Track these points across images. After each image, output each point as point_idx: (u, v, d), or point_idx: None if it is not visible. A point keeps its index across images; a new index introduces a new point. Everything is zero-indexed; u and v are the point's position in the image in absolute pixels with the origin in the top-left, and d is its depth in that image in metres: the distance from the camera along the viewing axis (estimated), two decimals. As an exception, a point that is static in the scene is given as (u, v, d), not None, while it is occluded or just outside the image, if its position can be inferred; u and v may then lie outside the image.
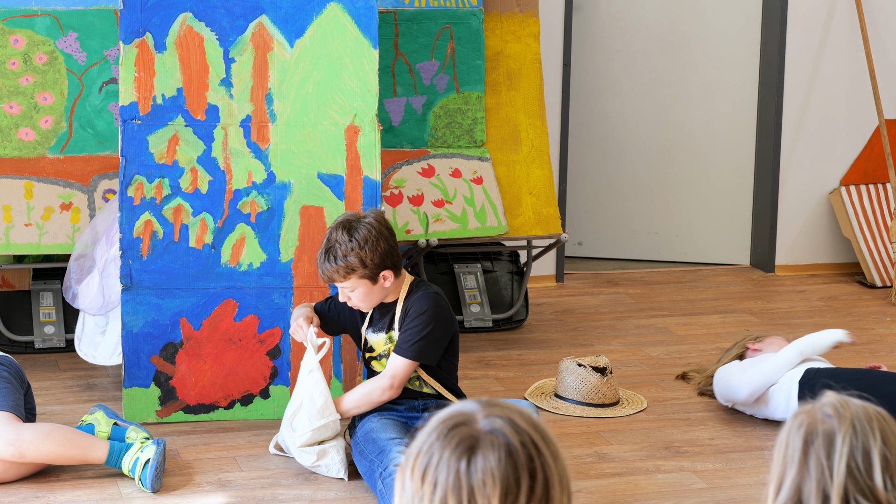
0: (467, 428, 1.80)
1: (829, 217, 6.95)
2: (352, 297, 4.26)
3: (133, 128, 4.66)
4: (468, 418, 1.81)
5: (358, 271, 4.18)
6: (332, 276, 4.21)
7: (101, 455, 4.18)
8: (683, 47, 6.93)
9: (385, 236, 4.21)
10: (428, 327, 4.23)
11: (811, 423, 1.98)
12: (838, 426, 1.97)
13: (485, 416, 1.81)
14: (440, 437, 1.80)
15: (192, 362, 4.71)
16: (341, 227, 4.20)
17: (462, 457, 1.78)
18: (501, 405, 1.83)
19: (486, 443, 1.78)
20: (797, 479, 1.97)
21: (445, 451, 1.78)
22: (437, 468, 1.78)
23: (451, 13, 5.66)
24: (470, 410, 1.82)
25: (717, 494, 4.25)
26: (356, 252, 4.15)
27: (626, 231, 7.11)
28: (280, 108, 4.74)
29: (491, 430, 1.79)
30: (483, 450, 1.78)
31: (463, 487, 1.77)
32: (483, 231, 5.64)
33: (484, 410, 1.82)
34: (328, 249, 4.19)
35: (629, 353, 5.62)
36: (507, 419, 1.80)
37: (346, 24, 4.77)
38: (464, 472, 1.77)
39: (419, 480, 1.80)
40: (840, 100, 6.86)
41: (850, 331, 4.84)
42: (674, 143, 7.00)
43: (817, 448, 1.97)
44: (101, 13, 5.23)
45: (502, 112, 5.74)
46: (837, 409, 1.99)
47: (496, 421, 1.80)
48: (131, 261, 4.64)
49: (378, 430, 4.21)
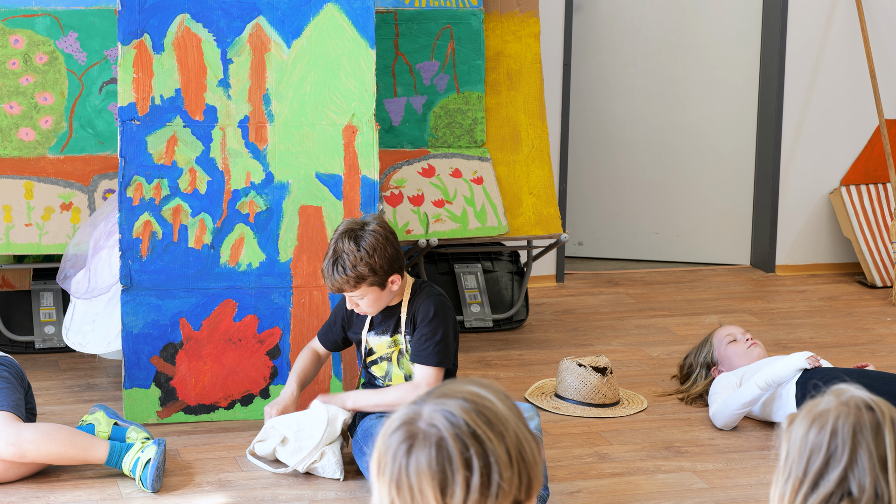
0: (410, 426, 1.84)
1: (829, 217, 6.95)
2: (360, 305, 4.23)
3: (132, 128, 4.66)
4: (415, 414, 1.85)
5: (368, 279, 4.15)
6: (342, 287, 4.17)
7: (101, 455, 4.19)
8: (683, 47, 6.93)
9: (391, 241, 4.19)
10: (439, 331, 4.23)
11: (857, 415, 2.01)
12: (882, 416, 2.01)
13: (428, 411, 1.85)
14: (390, 434, 1.85)
15: (192, 363, 4.72)
16: (347, 237, 4.15)
17: (404, 455, 1.82)
18: (448, 394, 1.87)
19: (420, 440, 1.82)
20: (843, 471, 1.99)
21: (390, 450, 1.84)
22: (385, 466, 1.84)
23: (452, 13, 5.67)
24: (419, 405, 1.87)
25: (718, 494, 4.25)
26: (366, 261, 4.12)
27: (626, 231, 7.11)
28: (278, 109, 4.75)
29: (427, 425, 1.83)
30: (417, 448, 1.82)
31: (404, 485, 1.82)
32: (483, 231, 5.64)
33: (430, 404, 1.86)
34: (336, 260, 4.14)
35: (629, 353, 5.62)
36: (445, 411, 1.84)
37: (343, 25, 4.77)
38: (403, 470, 1.82)
39: (375, 475, 1.86)
40: (840, 100, 6.86)
41: (814, 353, 4.81)
42: (674, 143, 7.00)
43: (867, 438, 2.00)
44: (102, 13, 5.23)
45: (502, 112, 5.74)
46: (870, 401, 2.04)
47: (435, 415, 1.84)
48: (131, 261, 4.64)
49: (377, 426, 4.22)
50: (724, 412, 4.75)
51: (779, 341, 5.78)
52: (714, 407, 4.80)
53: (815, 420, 2.04)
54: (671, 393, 5.13)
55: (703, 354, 5.07)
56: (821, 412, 2.04)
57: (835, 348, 5.69)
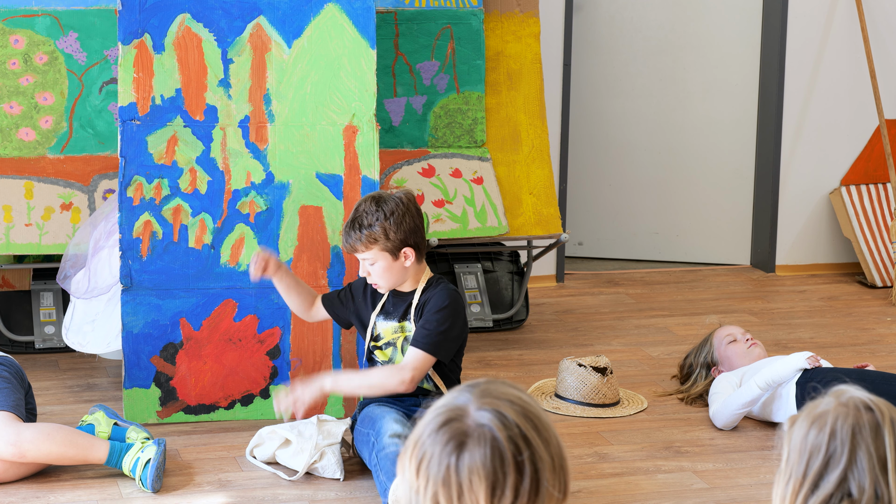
0: (458, 423, 1.82)
1: (829, 217, 6.95)
2: (371, 272, 4.26)
3: (132, 128, 4.66)
4: (460, 412, 1.83)
5: (380, 242, 4.19)
6: (355, 245, 4.22)
7: (101, 455, 4.18)
8: (683, 47, 6.93)
9: (412, 213, 4.22)
10: (446, 323, 4.22)
11: (856, 416, 2.01)
12: (881, 417, 2.02)
13: (476, 409, 1.83)
14: (434, 431, 1.83)
15: (193, 363, 4.72)
16: (370, 199, 4.23)
17: (452, 453, 1.80)
18: (493, 394, 1.85)
19: (474, 438, 1.80)
20: (843, 472, 1.99)
21: (437, 447, 1.81)
22: (430, 463, 1.81)
23: (452, 13, 5.67)
24: (463, 403, 1.84)
25: (718, 494, 4.25)
26: (381, 223, 4.17)
27: (626, 231, 7.11)
28: (278, 109, 4.75)
29: (479, 424, 1.81)
30: (470, 446, 1.80)
31: (452, 483, 1.79)
32: (483, 231, 5.64)
33: (476, 402, 1.84)
34: (354, 219, 4.22)
35: (629, 353, 5.62)
36: (496, 412, 1.82)
37: (344, 25, 4.77)
38: (453, 468, 1.80)
39: (414, 472, 1.83)
40: (840, 100, 6.86)
41: (814, 353, 4.81)
42: (674, 143, 7.01)
43: (866, 439, 2.00)
44: (102, 13, 5.23)
45: (503, 112, 5.74)
46: (869, 402, 2.04)
47: (485, 415, 1.82)
48: (131, 261, 4.64)
49: (375, 409, 4.23)
50: (724, 412, 4.75)
51: (779, 341, 5.78)
52: (714, 407, 4.80)
53: (814, 421, 2.04)
54: (671, 393, 5.13)
55: (703, 354, 5.08)
56: (820, 413, 2.04)
57: (835, 348, 5.69)
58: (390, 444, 4.03)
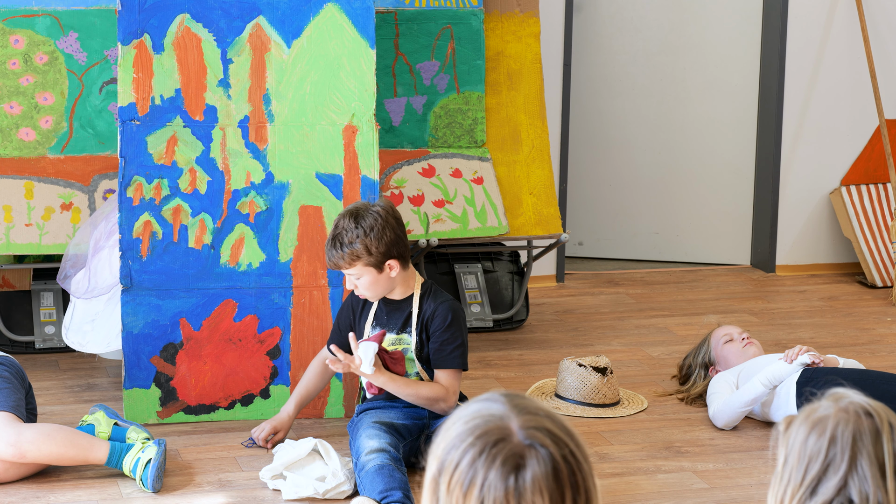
0: (509, 444, 1.75)
1: (829, 217, 6.95)
2: (358, 286, 4.27)
3: (132, 128, 4.66)
4: (506, 432, 1.76)
5: (363, 259, 4.20)
6: (338, 263, 4.24)
7: (101, 455, 4.19)
8: (683, 47, 6.93)
9: (392, 226, 4.22)
10: (459, 337, 4.31)
11: (857, 422, 2.01)
12: (881, 422, 2.01)
13: (521, 427, 1.76)
14: (483, 454, 1.75)
15: (193, 363, 4.72)
16: (349, 215, 4.23)
17: (510, 474, 1.73)
18: (531, 412, 1.79)
19: (532, 458, 1.74)
20: (843, 478, 1.99)
21: (492, 471, 1.73)
22: (484, 487, 1.73)
23: (452, 13, 5.67)
24: (504, 421, 1.78)
25: (718, 494, 4.25)
26: (361, 239, 4.18)
27: (626, 231, 7.11)
28: (278, 109, 4.75)
29: (532, 443, 1.75)
30: (530, 466, 1.73)
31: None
32: (483, 231, 5.64)
33: (517, 419, 1.77)
34: (335, 236, 4.22)
35: (629, 353, 5.62)
36: (546, 430, 1.76)
37: (343, 25, 4.77)
38: (512, 490, 1.72)
39: (461, 497, 1.75)
40: (840, 100, 6.86)
41: (815, 350, 4.81)
42: (674, 143, 7.01)
43: (867, 445, 2.00)
44: (102, 13, 5.23)
45: (503, 112, 5.74)
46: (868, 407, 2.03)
47: (535, 434, 1.76)
48: (131, 261, 4.64)
49: (358, 422, 4.28)
50: (725, 411, 4.75)
51: (779, 341, 5.78)
52: (714, 407, 4.80)
53: (814, 426, 2.03)
54: (671, 393, 5.13)
55: (702, 355, 5.08)
56: (820, 418, 2.03)
57: (835, 348, 5.68)
58: (369, 462, 4.06)
